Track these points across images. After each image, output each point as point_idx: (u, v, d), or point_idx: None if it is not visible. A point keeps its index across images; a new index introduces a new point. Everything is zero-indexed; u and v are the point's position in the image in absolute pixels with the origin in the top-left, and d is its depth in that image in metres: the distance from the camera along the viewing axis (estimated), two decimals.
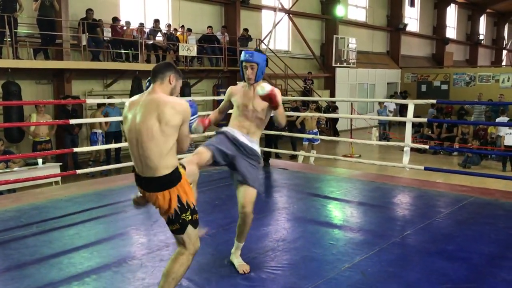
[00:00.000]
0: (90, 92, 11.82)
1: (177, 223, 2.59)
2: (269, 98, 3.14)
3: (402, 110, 19.66)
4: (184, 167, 2.69)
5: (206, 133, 7.13)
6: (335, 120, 16.40)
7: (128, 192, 5.74)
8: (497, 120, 12.81)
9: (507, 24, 34.14)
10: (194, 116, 2.93)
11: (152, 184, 2.55)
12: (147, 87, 2.75)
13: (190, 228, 2.62)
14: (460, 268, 3.36)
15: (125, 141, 10.45)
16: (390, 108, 16.48)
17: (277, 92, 3.19)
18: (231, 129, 3.35)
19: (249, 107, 3.33)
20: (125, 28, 11.89)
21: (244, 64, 3.32)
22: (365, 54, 21.62)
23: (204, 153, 3.17)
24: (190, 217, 2.61)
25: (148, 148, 2.47)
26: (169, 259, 2.68)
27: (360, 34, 21.11)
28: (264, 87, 3.12)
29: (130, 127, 2.56)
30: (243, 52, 3.38)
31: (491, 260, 3.52)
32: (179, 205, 2.56)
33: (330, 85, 19.18)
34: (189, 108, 2.59)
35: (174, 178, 2.55)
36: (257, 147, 3.36)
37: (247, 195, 3.23)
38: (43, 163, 8.45)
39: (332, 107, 16.50)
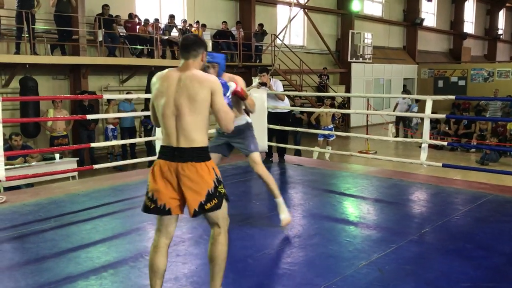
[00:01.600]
0: (106, 88, 11.91)
1: (215, 197, 2.57)
2: (235, 95, 3.71)
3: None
4: None
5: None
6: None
7: (144, 188, 5.76)
8: None
9: None
10: (226, 95, 3.00)
11: (189, 153, 2.53)
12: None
13: (224, 202, 2.66)
14: (479, 267, 3.31)
15: (139, 136, 10.48)
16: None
17: (240, 82, 3.79)
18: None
19: None
20: (139, 25, 11.93)
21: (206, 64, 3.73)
22: (381, 49, 21.42)
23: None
24: (224, 190, 2.65)
25: (187, 121, 2.53)
26: (208, 244, 2.74)
27: (376, 29, 20.91)
28: (230, 86, 3.51)
29: (165, 102, 2.57)
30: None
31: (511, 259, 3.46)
32: (216, 177, 2.59)
33: (345, 80, 19.06)
34: (218, 83, 2.63)
35: (207, 152, 2.61)
36: (241, 121, 4.08)
37: (252, 160, 4.07)
38: (60, 158, 8.54)
39: (343, 103, 16.37)
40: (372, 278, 3.14)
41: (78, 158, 9.19)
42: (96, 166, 6.38)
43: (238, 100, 3.97)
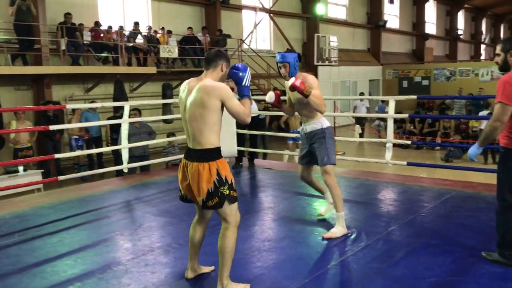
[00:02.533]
0: (71, 97, 11.68)
1: (216, 196, 2.81)
2: (293, 89, 3.74)
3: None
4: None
5: None
6: None
7: (112, 197, 5.70)
8: (480, 114, 13.01)
9: (484, 19, 34.69)
10: (242, 84, 3.05)
11: (195, 154, 2.87)
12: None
13: (226, 204, 2.86)
14: (444, 262, 3.40)
15: (107, 145, 10.33)
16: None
17: (310, 81, 3.94)
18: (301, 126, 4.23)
19: (293, 100, 4.13)
20: (102, 33, 11.77)
21: (278, 64, 4.00)
22: (347, 52, 21.75)
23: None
24: (227, 192, 2.85)
25: (193, 127, 2.88)
26: (218, 237, 2.91)
27: (341, 32, 21.23)
28: (290, 81, 3.72)
29: (182, 109, 2.98)
30: (276, 54, 4.10)
31: (475, 253, 3.55)
32: (217, 178, 2.82)
33: None
34: (226, 88, 2.86)
35: (214, 154, 2.87)
36: (316, 125, 4.03)
37: (323, 171, 3.98)
38: (24, 170, 8.32)
39: None
40: (341, 278, 3.19)
41: (43, 170, 8.97)
42: (60, 178, 6.25)
43: (305, 100, 3.88)
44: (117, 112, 9.68)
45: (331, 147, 4.03)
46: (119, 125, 7.14)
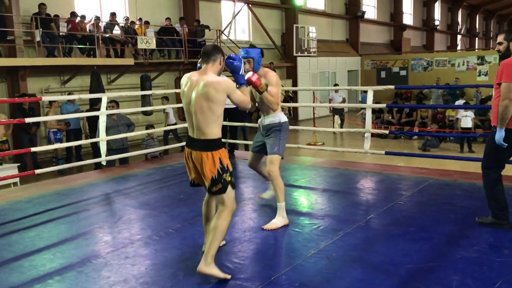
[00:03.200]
0: (47, 90, 11.48)
1: (219, 183, 3.05)
2: (248, 83, 3.74)
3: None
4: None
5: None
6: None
7: (90, 191, 5.64)
8: (456, 103, 13.22)
9: (460, 10, 35.14)
10: (240, 73, 3.30)
11: (199, 144, 3.07)
12: (199, 68, 3.29)
13: (229, 188, 3.11)
14: (421, 249, 3.46)
15: (85, 138, 10.20)
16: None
17: (271, 78, 4.02)
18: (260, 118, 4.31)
19: (254, 94, 4.12)
20: (78, 21, 11.56)
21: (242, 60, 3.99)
22: (326, 43, 21.82)
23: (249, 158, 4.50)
24: (229, 178, 3.11)
25: (199, 119, 3.05)
26: (214, 217, 3.15)
27: (319, 22, 21.27)
28: (247, 74, 3.75)
29: (186, 102, 3.15)
30: (240, 50, 4.20)
31: (451, 239, 3.64)
32: (220, 166, 3.05)
33: (292, 74, 19.28)
34: (230, 82, 3.09)
35: (217, 144, 3.09)
36: (275, 119, 4.12)
37: (269, 160, 4.09)
38: (0, 164, 8.17)
39: (290, 97, 16.53)
40: (320, 266, 3.22)
41: (19, 164, 8.82)
42: (37, 171, 6.16)
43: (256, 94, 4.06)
44: (96, 105, 9.54)
45: (284, 141, 4.17)
46: (96, 118, 7.04)
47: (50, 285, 3.10)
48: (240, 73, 3.29)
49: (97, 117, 6.84)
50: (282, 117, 4.18)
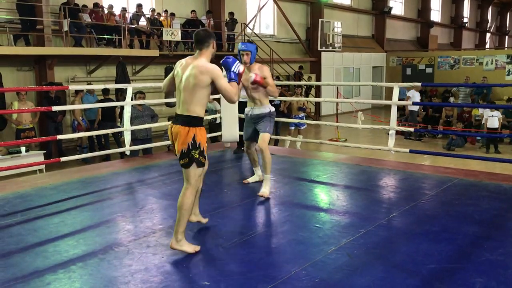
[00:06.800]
0: (73, 79, 11.65)
1: (186, 157, 3.27)
2: (254, 83, 4.58)
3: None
4: None
5: None
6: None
7: (114, 180, 5.71)
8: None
9: (490, 7, 34.33)
10: (232, 70, 3.51)
11: (181, 118, 3.31)
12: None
13: (194, 165, 3.30)
14: (444, 249, 3.41)
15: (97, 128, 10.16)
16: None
17: (265, 72, 4.72)
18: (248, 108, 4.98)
19: (246, 86, 4.78)
20: (106, 12, 11.68)
21: (241, 52, 4.72)
22: (351, 38, 21.60)
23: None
24: (197, 156, 3.28)
25: (185, 96, 3.32)
26: (179, 196, 3.34)
27: (345, 17, 21.05)
28: (251, 77, 4.50)
29: (178, 82, 3.38)
30: (240, 43, 4.81)
31: (475, 241, 3.57)
32: (192, 142, 3.25)
33: (316, 69, 19.16)
34: (217, 70, 3.29)
35: (197, 121, 3.31)
36: (265, 109, 4.84)
37: (261, 138, 4.75)
38: (27, 151, 8.35)
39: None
40: (341, 263, 3.20)
41: (45, 151, 8.99)
42: (63, 159, 6.26)
43: (259, 88, 4.74)
44: (121, 95, 9.64)
45: (272, 124, 4.93)
46: (110, 109, 7.04)
47: (73, 271, 3.15)
48: (233, 69, 3.48)
49: (111, 108, 6.89)
50: (271, 107, 4.90)
